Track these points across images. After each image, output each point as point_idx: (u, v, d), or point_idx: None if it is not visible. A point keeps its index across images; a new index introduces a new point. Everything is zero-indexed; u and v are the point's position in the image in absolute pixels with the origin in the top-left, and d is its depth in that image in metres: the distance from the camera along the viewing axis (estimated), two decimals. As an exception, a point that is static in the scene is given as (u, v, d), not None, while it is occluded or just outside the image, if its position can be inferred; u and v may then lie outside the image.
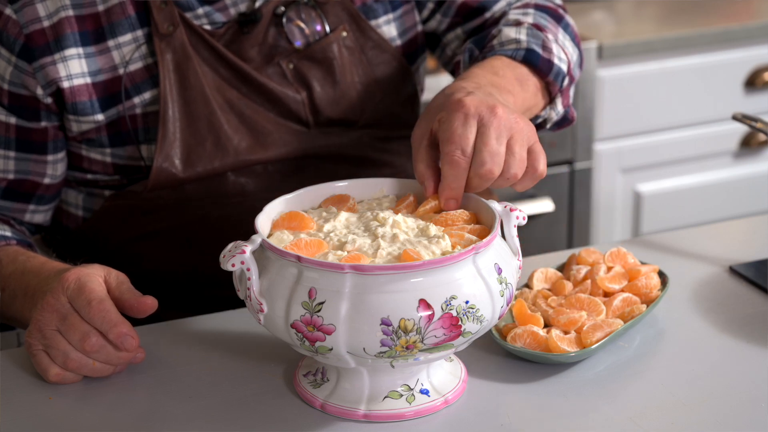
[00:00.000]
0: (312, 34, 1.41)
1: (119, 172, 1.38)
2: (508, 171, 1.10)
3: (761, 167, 2.60)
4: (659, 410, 1.07)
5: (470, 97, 1.12)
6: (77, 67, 1.31)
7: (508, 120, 1.10)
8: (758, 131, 1.41)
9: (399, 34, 1.47)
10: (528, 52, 1.30)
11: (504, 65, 1.28)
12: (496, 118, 1.10)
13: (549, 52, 1.32)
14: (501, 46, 1.32)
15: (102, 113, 1.33)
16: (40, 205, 1.39)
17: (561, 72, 1.32)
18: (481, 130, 1.09)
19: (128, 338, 1.10)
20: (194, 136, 1.35)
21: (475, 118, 1.10)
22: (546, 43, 1.33)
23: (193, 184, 1.37)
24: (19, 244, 1.31)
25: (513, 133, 1.10)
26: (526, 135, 1.11)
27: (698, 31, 2.44)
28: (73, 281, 1.12)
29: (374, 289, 0.98)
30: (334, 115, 1.42)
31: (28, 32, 1.30)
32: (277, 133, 1.39)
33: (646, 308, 1.20)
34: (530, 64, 1.31)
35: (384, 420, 1.06)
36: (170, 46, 1.33)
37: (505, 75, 1.26)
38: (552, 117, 1.34)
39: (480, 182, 1.09)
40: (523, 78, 1.29)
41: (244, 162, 1.38)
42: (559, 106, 1.33)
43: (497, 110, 1.10)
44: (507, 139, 1.10)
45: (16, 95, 1.32)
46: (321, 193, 1.16)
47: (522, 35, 1.32)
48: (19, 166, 1.35)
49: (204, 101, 1.35)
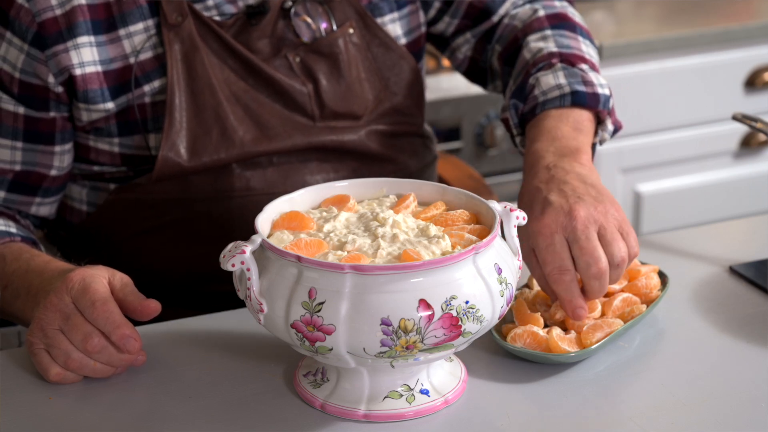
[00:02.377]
0: (318, 30, 1.42)
1: (126, 162, 1.39)
2: (613, 260, 1.15)
3: (761, 167, 2.60)
4: (659, 410, 1.07)
5: (547, 215, 1.15)
6: (89, 55, 1.32)
7: (590, 216, 1.15)
8: (758, 131, 1.41)
9: (404, 33, 1.48)
10: (573, 95, 1.32)
11: (558, 121, 1.30)
12: (578, 221, 1.14)
13: (591, 86, 1.33)
14: (544, 95, 1.33)
15: (112, 101, 1.34)
16: (46, 198, 1.39)
17: (605, 97, 1.33)
18: (570, 239, 1.14)
19: (131, 340, 1.10)
20: (200, 125, 1.36)
21: (559, 233, 1.15)
22: (585, 78, 1.34)
23: (197, 177, 1.38)
24: (24, 241, 1.31)
25: (599, 225, 1.15)
26: (611, 219, 1.16)
27: (698, 31, 2.44)
28: (77, 281, 1.12)
29: (374, 289, 0.98)
30: (339, 109, 1.43)
31: (40, 20, 1.30)
32: (282, 126, 1.40)
33: (646, 308, 1.20)
34: (579, 105, 1.32)
35: (384, 420, 1.06)
36: (178, 36, 1.34)
37: (564, 133, 1.28)
38: (606, 138, 1.36)
39: (597, 283, 1.14)
40: (578, 124, 1.31)
41: (249, 154, 1.38)
42: (609, 125, 1.35)
43: (575, 213, 1.15)
44: (596, 233, 1.14)
45: (26, 84, 1.33)
46: (321, 193, 1.16)
47: (561, 79, 1.34)
48: (26, 157, 1.35)
49: (211, 92, 1.36)
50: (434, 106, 2.28)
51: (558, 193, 1.18)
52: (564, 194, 1.18)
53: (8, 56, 1.32)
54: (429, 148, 1.56)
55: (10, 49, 1.32)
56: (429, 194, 1.16)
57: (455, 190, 1.14)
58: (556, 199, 1.17)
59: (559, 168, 1.22)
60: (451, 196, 1.15)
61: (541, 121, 1.31)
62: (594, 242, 1.14)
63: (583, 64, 1.37)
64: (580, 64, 1.37)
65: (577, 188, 1.18)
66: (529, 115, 1.34)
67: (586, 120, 1.32)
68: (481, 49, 1.52)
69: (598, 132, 1.34)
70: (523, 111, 1.35)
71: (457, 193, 1.14)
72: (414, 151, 1.52)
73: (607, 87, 1.35)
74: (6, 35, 1.32)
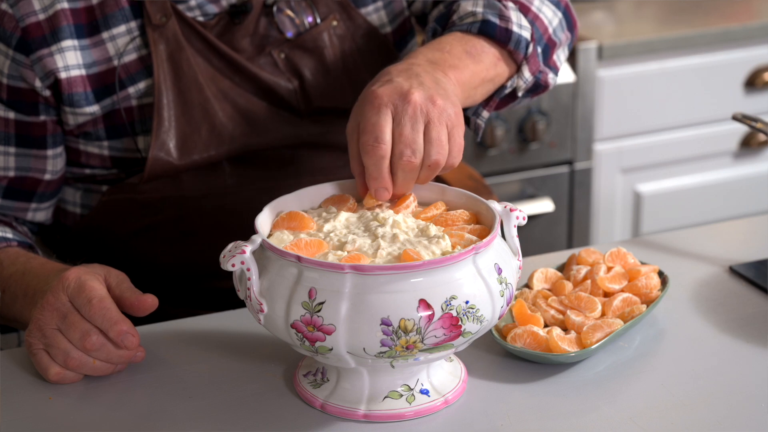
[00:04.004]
0: (302, 24, 1.42)
1: (117, 165, 1.38)
2: (428, 158, 1.10)
3: (761, 167, 2.60)
4: (659, 410, 1.07)
5: (384, 87, 1.12)
6: (73, 58, 1.32)
7: (424, 105, 1.10)
8: (758, 131, 1.41)
9: (389, 21, 1.47)
10: (483, 23, 1.29)
11: (455, 40, 1.27)
12: (410, 104, 1.10)
13: (507, 21, 1.30)
14: (460, 20, 1.31)
15: (97, 104, 1.34)
16: (42, 203, 1.39)
17: (522, 39, 1.30)
18: (395, 119, 1.10)
19: (129, 336, 1.10)
20: (189, 123, 1.35)
21: (388, 107, 1.10)
22: (503, 12, 1.31)
23: (189, 175, 1.38)
24: (20, 246, 1.31)
25: (429, 118, 1.10)
26: (445, 119, 1.11)
27: (698, 31, 2.44)
28: (73, 280, 1.12)
29: (374, 289, 0.98)
30: (325, 104, 1.42)
31: (24, 25, 1.30)
32: (270, 122, 1.40)
33: (646, 308, 1.20)
34: (487, 35, 1.29)
35: (384, 420, 1.07)
36: (163, 36, 1.34)
37: (453, 50, 1.25)
38: (521, 85, 1.32)
39: (403, 175, 1.09)
40: (476, 51, 1.27)
41: (239, 149, 1.38)
42: (526, 73, 1.32)
43: (411, 96, 1.10)
44: (423, 125, 1.10)
45: (15, 89, 1.32)
46: (321, 193, 1.16)
47: (478, 7, 1.31)
48: (19, 162, 1.35)
49: (198, 89, 1.35)
50: (434, 106, 2.28)
51: (404, 76, 1.15)
52: (409, 78, 1.14)
53: None
54: None
55: None
56: (429, 194, 1.16)
57: (455, 190, 1.14)
58: (398, 79, 1.14)
59: (420, 66, 1.18)
60: (451, 196, 1.15)
61: (439, 37, 1.29)
62: (416, 134, 1.09)
63: (511, 3, 1.34)
64: (507, 2, 1.34)
65: (425, 81, 1.15)
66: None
67: (488, 53, 1.28)
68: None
69: (513, 78, 1.32)
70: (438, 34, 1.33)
71: (457, 193, 1.14)
72: None
73: (527, 30, 1.31)
74: None
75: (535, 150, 2.38)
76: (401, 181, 1.10)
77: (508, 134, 2.35)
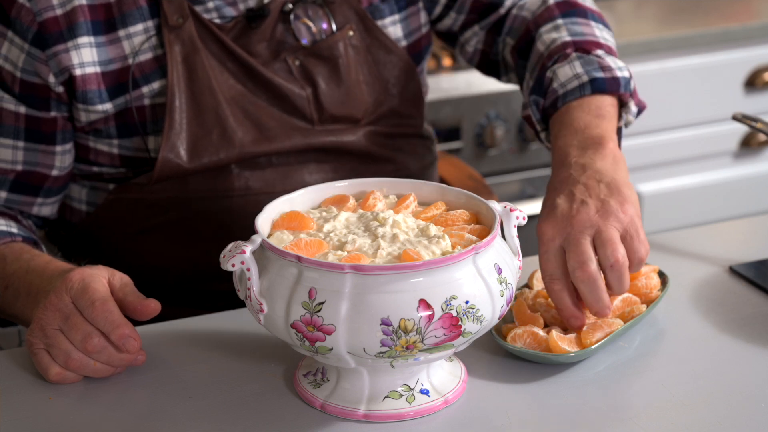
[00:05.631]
0: (319, 33, 1.42)
1: (125, 164, 1.39)
2: (606, 262, 1.13)
3: (761, 167, 2.60)
4: (659, 410, 1.07)
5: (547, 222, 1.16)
6: (89, 55, 1.32)
7: (588, 220, 1.14)
8: (758, 131, 1.41)
9: (404, 35, 1.48)
10: (592, 83, 1.30)
11: (580, 111, 1.29)
12: (574, 227, 1.14)
13: (610, 71, 1.32)
14: (563, 87, 1.32)
15: (110, 102, 1.34)
16: (48, 198, 1.39)
17: (625, 79, 1.32)
18: (565, 245, 1.14)
19: (130, 340, 1.10)
20: (201, 126, 1.36)
21: (556, 240, 1.14)
22: (602, 63, 1.32)
23: (197, 177, 1.38)
24: (25, 241, 1.31)
25: (596, 228, 1.14)
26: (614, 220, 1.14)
27: (698, 31, 2.44)
28: (77, 281, 1.12)
29: (374, 289, 0.98)
30: (338, 113, 1.43)
31: (41, 20, 1.30)
32: (281, 129, 1.40)
33: (646, 308, 1.20)
34: (600, 92, 1.31)
35: (384, 420, 1.06)
36: (179, 38, 1.34)
37: (587, 123, 1.27)
38: (630, 120, 1.35)
39: (587, 287, 1.12)
40: (600, 110, 1.29)
41: (248, 154, 1.38)
42: (632, 107, 1.34)
43: (574, 219, 1.14)
44: (590, 237, 1.13)
45: (28, 83, 1.33)
46: (321, 193, 1.16)
47: (578, 68, 1.32)
48: (27, 157, 1.35)
49: (211, 93, 1.36)
50: (434, 106, 2.28)
51: (566, 197, 1.17)
52: (572, 198, 1.17)
53: (10, 56, 1.32)
54: (429, 150, 1.56)
55: (12, 48, 1.32)
56: (429, 194, 1.16)
57: (455, 190, 1.14)
58: (561, 203, 1.17)
59: (579, 166, 1.21)
60: (451, 196, 1.15)
61: (563, 115, 1.30)
62: (583, 246, 1.12)
63: (598, 49, 1.36)
64: (595, 50, 1.35)
65: (590, 188, 1.17)
66: (550, 110, 1.32)
67: (608, 105, 1.30)
68: (491, 42, 1.51)
69: (623, 115, 1.33)
70: (544, 106, 1.34)
71: (457, 193, 1.14)
72: (413, 152, 1.52)
73: (626, 69, 1.33)
74: (7, 34, 1.32)
75: (535, 150, 2.38)
76: (588, 294, 1.13)
77: (508, 134, 2.35)
